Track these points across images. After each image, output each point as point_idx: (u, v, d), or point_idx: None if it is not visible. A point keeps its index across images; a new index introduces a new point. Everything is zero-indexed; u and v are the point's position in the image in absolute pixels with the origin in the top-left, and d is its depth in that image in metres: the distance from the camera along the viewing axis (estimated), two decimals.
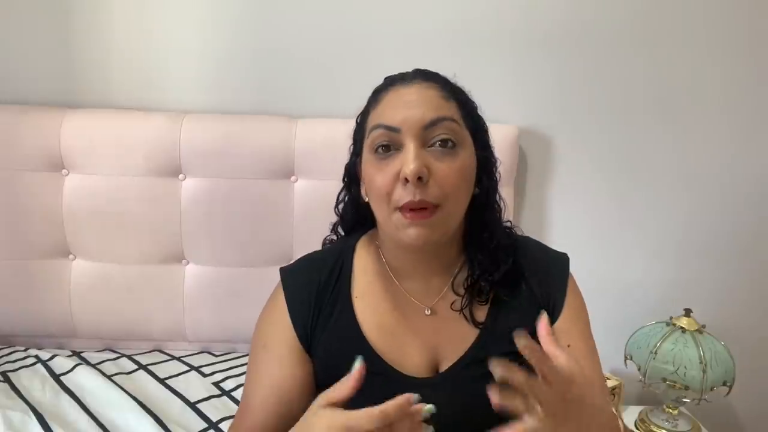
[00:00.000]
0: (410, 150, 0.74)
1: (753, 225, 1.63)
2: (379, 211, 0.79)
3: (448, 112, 0.77)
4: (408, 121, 0.75)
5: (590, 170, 1.59)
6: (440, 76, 0.83)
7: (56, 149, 1.43)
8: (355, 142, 0.87)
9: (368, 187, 0.80)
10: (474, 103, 0.85)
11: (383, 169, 0.76)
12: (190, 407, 1.26)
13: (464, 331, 0.83)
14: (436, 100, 0.77)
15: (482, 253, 0.83)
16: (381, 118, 0.78)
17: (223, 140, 1.44)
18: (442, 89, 0.79)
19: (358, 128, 0.86)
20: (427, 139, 0.76)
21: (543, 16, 1.50)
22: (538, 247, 0.92)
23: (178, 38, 1.50)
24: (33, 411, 1.19)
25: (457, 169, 0.76)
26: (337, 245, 0.92)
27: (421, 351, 0.82)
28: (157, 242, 1.48)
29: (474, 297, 0.83)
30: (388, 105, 0.79)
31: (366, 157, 0.80)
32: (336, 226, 0.95)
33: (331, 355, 0.83)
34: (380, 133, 0.77)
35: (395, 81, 0.81)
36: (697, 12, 1.51)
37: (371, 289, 0.85)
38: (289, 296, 0.86)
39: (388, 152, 0.76)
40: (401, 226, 0.76)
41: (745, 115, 1.57)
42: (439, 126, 0.76)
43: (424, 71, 0.83)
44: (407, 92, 0.78)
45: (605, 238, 1.61)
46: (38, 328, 1.50)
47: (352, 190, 0.89)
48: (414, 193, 0.73)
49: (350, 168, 0.89)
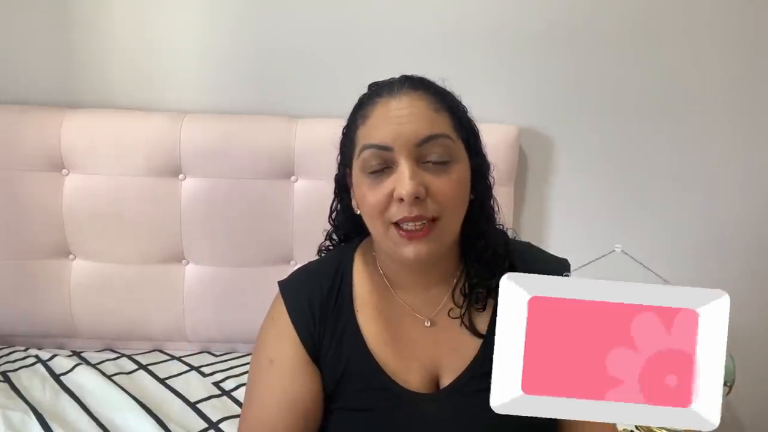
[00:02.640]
0: (405, 169, 0.72)
1: (754, 225, 1.63)
2: (374, 227, 0.77)
3: (441, 128, 0.75)
4: (400, 138, 0.73)
5: (590, 170, 1.59)
6: (429, 84, 0.79)
7: (56, 149, 1.43)
8: (343, 153, 0.84)
9: (361, 205, 0.78)
10: (464, 107, 0.82)
11: (376, 188, 0.74)
12: (190, 407, 1.26)
13: (465, 342, 0.81)
14: (427, 113, 0.75)
15: (479, 261, 0.82)
16: (371, 137, 0.75)
17: (223, 140, 1.44)
18: (431, 99, 0.76)
19: (346, 140, 0.83)
20: (420, 156, 0.73)
21: (543, 16, 1.50)
22: (538, 254, 0.90)
23: (178, 38, 1.50)
24: (33, 411, 1.19)
25: (454, 184, 0.74)
26: (334, 256, 0.90)
27: (423, 364, 0.81)
28: (157, 242, 1.48)
29: (472, 304, 0.82)
30: (376, 121, 0.75)
31: (357, 176, 0.77)
32: (330, 234, 0.93)
33: (339, 367, 0.82)
34: (371, 154, 0.74)
35: (382, 91, 0.78)
36: (697, 11, 1.51)
37: (370, 301, 0.84)
38: (292, 310, 0.83)
39: (382, 171, 0.74)
40: (398, 242, 0.74)
41: (746, 115, 1.57)
42: (433, 143, 0.73)
43: (411, 78, 0.80)
44: (396, 105, 0.75)
45: (605, 238, 1.61)
46: (38, 328, 1.50)
47: (344, 199, 0.87)
48: (410, 210, 0.72)
49: (340, 179, 0.87)
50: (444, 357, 0.81)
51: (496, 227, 0.86)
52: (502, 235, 0.87)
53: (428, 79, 0.80)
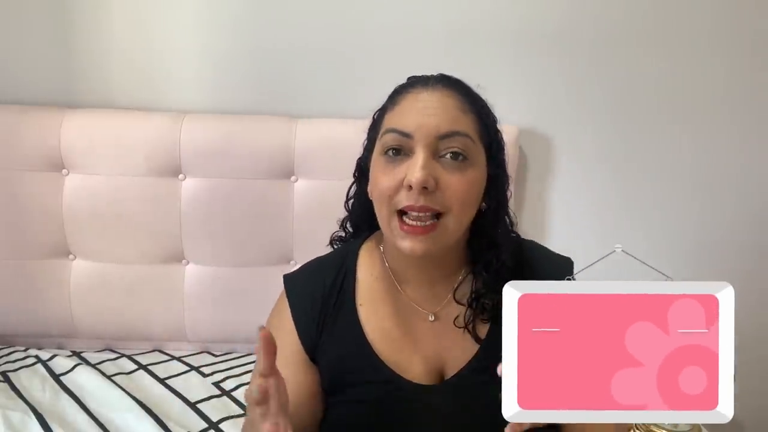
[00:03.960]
0: (419, 158, 0.73)
1: (753, 225, 1.63)
2: (380, 212, 0.78)
3: (464, 127, 0.76)
4: (422, 128, 0.74)
5: (590, 171, 1.60)
6: (463, 85, 0.81)
7: (56, 149, 1.43)
8: (370, 138, 0.86)
9: (372, 187, 0.80)
10: (494, 117, 0.83)
11: (389, 173, 0.75)
12: (190, 407, 1.26)
13: (468, 336, 0.82)
14: (454, 111, 0.76)
15: (487, 271, 0.82)
16: (395, 122, 0.77)
17: (223, 140, 1.44)
18: (462, 100, 0.77)
19: (374, 125, 0.85)
20: (438, 149, 0.74)
21: (544, 16, 1.50)
22: (541, 253, 0.90)
23: (178, 38, 1.50)
24: (33, 411, 1.19)
25: (466, 183, 0.75)
26: (340, 251, 0.91)
27: (425, 358, 0.82)
28: (157, 242, 1.48)
29: (477, 314, 0.82)
30: (404, 109, 0.77)
31: (375, 157, 0.79)
32: (345, 222, 0.94)
33: (336, 362, 0.82)
34: (392, 137, 0.76)
35: (416, 83, 0.80)
36: (699, 11, 1.51)
37: (374, 295, 0.85)
38: (293, 304, 0.85)
39: (398, 156, 0.75)
40: (398, 234, 0.75)
41: (745, 116, 1.57)
42: (452, 139, 0.74)
43: (448, 77, 0.81)
44: (426, 98, 0.76)
45: (605, 238, 1.61)
46: (38, 328, 1.50)
47: (362, 184, 0.88)
48: (417, 199, 0.72)
49: (362, 163, 0.87)
50: (447, 350, 0.82)
51: (510, 238, 0.85)
52: (514, 246, 0.86)
53: (464, 82, 0.82)
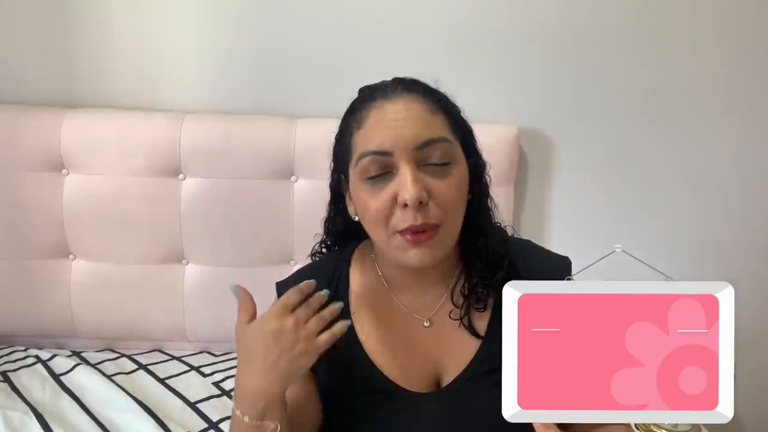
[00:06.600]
0: (407, 173, 0.71)
1: (754, 225, 1.63)
2: (377, 235, 0.76)
3: (439, 130, 0.74)
4: (399, 142, 0.71)
5: (590, 170, 1.59)
6: (423, 86, 0.78)
7: (56, 149, 1.43)
8: (337, 160, 0.83)
9: (362, 213, 0.77)
10: (458, 108, 0.81)
11: (377, 195, 0.73)
12: (190, 407, 1.26)
13: (465, 341, 0.81)
14: (424, 116, 0.74)
15: (479, 260, 0.81)
16: (369, 143, 0.73)
17: (223, 140, 1.44)
18: (427, 102, 0.75)
19: (340, 146, 0.81)
20: (420, 159, 0.72)
21: (544, 16, 1.50)
22: (538, 252, 0.90)
23: (178, 38, 1.50)
24: (33, 411, 1.19)
25: (455, 187, 0.74)
26: (331, 259, 0.90)
27: (423, 365, 0.81)
28: (157, 242, 1.48)
29: (472, 305, 0.81)
30: (372, 126, 0.74)
31: (355, 183, 0.76)
32: (324, 241, 0.92)
33: (333, 371, 0.82)
34: (370, 161, 0.73)
35: (375, 95, 0.77)
36: (698, 11, 1.51)
37: (368, 303, 0.84)
38: None
39: (381, 176, 0.73)
40: (402, 248, 0.74)
41: (746, 115, 1.57)
42: (432, 147, 0.72)
43: (403, 80, 0.79)
44: (391, 109, 0.74)
45: (605, 238, 1.61)
46: (38, 328, 1.50)
47: (340, 206, 0.86)
48: (415, 217, 0.71)
49: (335, 187, 0.85)
50: (444, 356, 0.81)
51: (495, 225, 0.86)
52: (501, 232, 0.87)
53: (421, 81, 0.79)
